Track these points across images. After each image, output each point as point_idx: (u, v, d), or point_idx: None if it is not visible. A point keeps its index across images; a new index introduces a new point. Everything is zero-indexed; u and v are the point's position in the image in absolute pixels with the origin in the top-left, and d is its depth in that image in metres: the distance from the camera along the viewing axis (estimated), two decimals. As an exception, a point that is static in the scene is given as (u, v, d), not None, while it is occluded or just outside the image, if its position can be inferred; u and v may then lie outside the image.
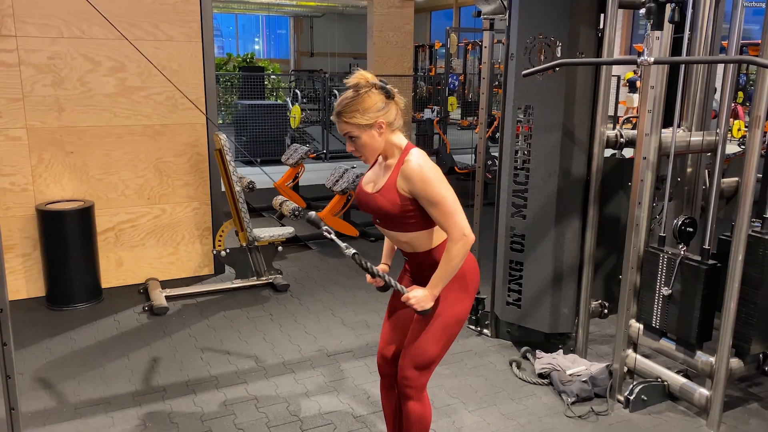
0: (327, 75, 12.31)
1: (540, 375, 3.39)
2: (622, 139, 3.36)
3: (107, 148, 4.47)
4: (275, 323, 4.12)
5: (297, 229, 5.42)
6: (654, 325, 3.10)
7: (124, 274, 4.70)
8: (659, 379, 3.17)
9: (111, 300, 4.45)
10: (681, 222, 3.00)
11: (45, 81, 4.21)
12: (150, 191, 4.66)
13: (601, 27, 3.30)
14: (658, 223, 3.23)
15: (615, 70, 5.11)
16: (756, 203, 2.96)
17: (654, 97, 2.91)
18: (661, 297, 3.02)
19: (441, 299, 2.21)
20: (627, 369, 3.24)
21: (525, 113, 3.43)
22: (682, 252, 2.97)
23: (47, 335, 3.88)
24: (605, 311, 3.65)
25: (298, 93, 11.85)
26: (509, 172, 3.56)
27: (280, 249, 4.78)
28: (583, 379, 3.21)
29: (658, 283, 3.04)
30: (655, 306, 3.07)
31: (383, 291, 2.32)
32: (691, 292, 2.91)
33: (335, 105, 2.13)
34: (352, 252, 2.18)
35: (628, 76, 14.34)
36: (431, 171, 2.08)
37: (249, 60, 17.17)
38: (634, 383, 3.15)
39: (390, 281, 2.20)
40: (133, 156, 4.55)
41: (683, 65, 3.08)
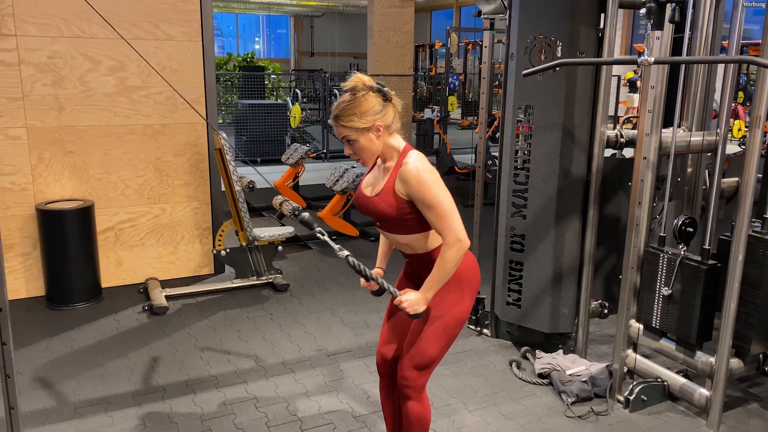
0: (327, 75, 12.32)
1: (540, 375, 3.39)
2: (622, 139, 3.35)
3: (107, 147, 4.47)
4: (275, 323, 4.12)
5: (297, 229, 5.41)
6: (654, 325, 3.09)
7: (123, 273, 4.70)
8: (659, 380, 3.17)
9: (111, 299, 4.45)
10: (681, 222, 3.00)
11: (45, 80, 4.21)
12: (150, 191, 4.66)
13: (602, 27, 3.29)
14: (658, 223, 3.23)
15: (615, 70, 5.11)
16: (756, 203, 2.95)
17: (654, 97, 2.91)
18: (661, 297, 3.02)
19: (442, 300, 2.21)
20: (627, 369, 3.24)
21: (525, 113, 3.43)
22: (682, 252, 2.96)
23: (47, 335, 3.88)
24: (605, 311, 3.64)
25: (298, 92, 11.84)
26: (509, 171, 3.56)
27: (280, 249, 4.78)
28: (583, 379, 3.21)
29: (658, 283, 3.03)
30: (655, 306, 3.06)
31: (377, 295, 2.27)
32: (691, 292, 2.91)
33: (332, 109, 2.12)
34: (345, 254, 2.14)
35: (628, 76, 14.34)
36: (428, 174, 2.07)
37: (249, 59, 17.18)
38: (634, 383, 3.15)
39: (383, 284, 2.18)
40: (133, 155, 4.55)
41: (683, 65, 3.08)
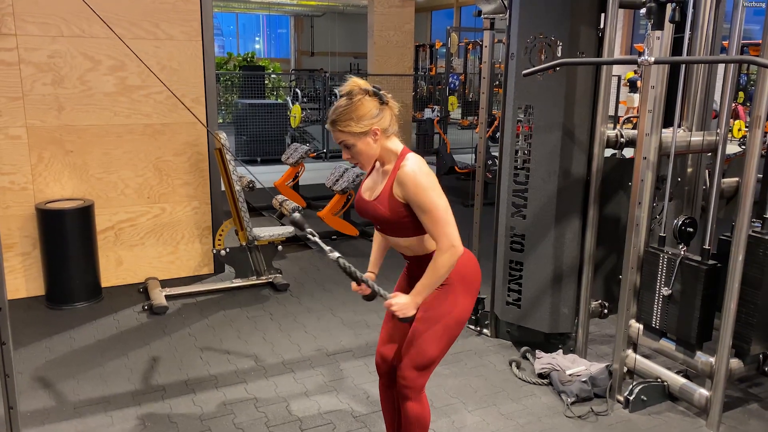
0: (327, 74, 12.32)
1: (540, 375, 3.39)
2: (622, 139, 3.35)
3: (107, 147, 4.47)
4: (275, 323, 4.12)
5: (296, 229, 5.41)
6: (654, 326, 3.09)
7: (123, 273, 4.70)
8: (659, 380, 3.17)
9: (110, 299, 4.45)
10: (681, 222, 3.00)
11: (45, 80, 4.21)
12: (150, 190, 4.65)
13: (602, 27, 3.29)
14: (658, 223, 3.23)
15: (615, 69, 5.11)
16: (756, 203, 2.95)
17: (654, 97, 2.91)
18: (661, 297, 3.02)
19: (442, 300, 2.21)
20: (627, 369, 3.23)
21: (525, 113, 3.43)
22: (682, 252, 2.96)
23: (46, 334, 3.88)
24: (605, 311, 3.64)
25: (298, 92, 11.84)
26: (509, 171, 3.56)
27: (279, 248, 4.78)
28: (583, 379, 3.21)
29: (658, 284, 3.03)
30: (655, 306, 3.06)
31: (369, 300, 2.26)
32: (691, 292, 2.91)
33: (329, 113, 2.11)
34: (336, 256, 2.12)
35: (628, 75, 14.33)
36: (425, 177, 2.06)
37: (249, 59, 17.19)
38: (633, 383, 3.15)
39: (373, 286, 2.16)
40: (133, 155, 4.55)
41: (684, 65, 3.08)
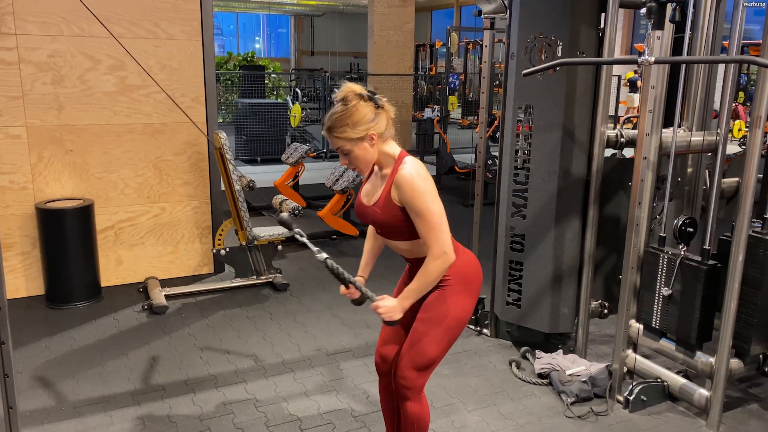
0: (327, 74, 12.32)
1: (539, 375, 3.39)
2: (622, 139, 3.35)
3: (107, 146, 4.46)
4: (275, 322, 4.12)
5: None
6: (654, 326, 3.09)
7: (123, 272, 4.70)
8: (659, 380, 3.17)
9: (110, 299, 4.45)
10: (681, 222, 3.00)
11: (45, 79, 4.21)
12: (150, 190, 4.65)
13: (602, 26, 3.29)
14: (658, 223, 3.22)
15: (616, 69, 5.10)
16: (756, 203, 2.95)
17: (654, 97, 2.91)
18: (661, 297, 3.02)
19: (443, 301, 2.21)
20: (627, 369, 3.23)
21: (525, 113, 3.42)
22: (682, 252, 2.96)
23: (46, 334, 3.88)
24: (605, 311, 3.64)
25: (298, 92, 11.85)
26: (509, 171, 3.55)
27: (279, 248, 4.77)
28: (583, 380, 3.21)
29: (658, 284, 3.03)
30: (655, 306, 3.06)
31: (357, 304, 2.23)
32: (691, 292, 2.90)
33: (325, 120, 2.10)
34: (324, 256, 2.12)
35: (628, 75, 14.33)
36: (422, 182, 2.06)
37: (249, 59, 17.19)
38: (633, 383, 3.15)
39: (360, 288, 2.15)
40: (133, 154, 4.55)
41: (684, 65, 3.08)
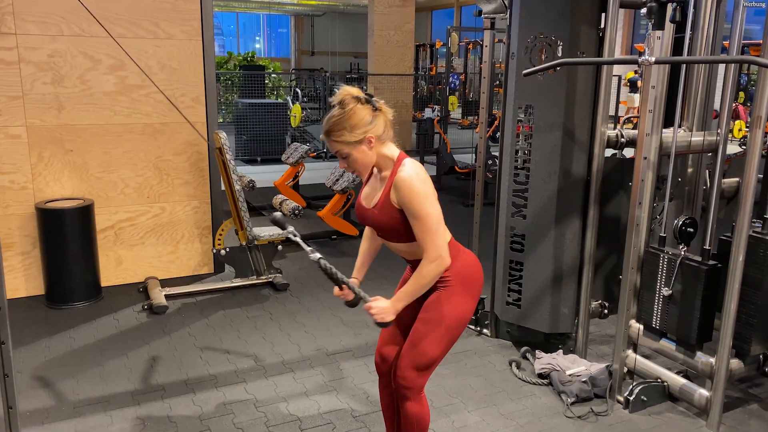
0: (328, 74, 12.32)
1: (540, 375, 3.39)
2: (622, 139, 3.35)
3: (107, 146, 4.46)
4: (275, 322, 4.12)
5: (297, 229, 5.40)
6: (654, 326, 3.09)
7: (123, 272, 4.70)
8: (659, 380, 3.17)
9: (110, 298, 4.45)
10: (681, 222, 3.00)
11: (45, 79, 4.21)
12: (150, 190, 4.65)
13: (602, 26, 3.29)
14: (658, 224, 3.22)
15: (616, 69, 5.10)
16: (756, 204, 2.95)
17: (655, 97, 2.90)
18: (662, 297, 3.02)
19: (444, 301, 2.21)
20: (627, 369, 3.23)
21: (525, 113, 3.42)
22: (682, 252, 2.96)
23: (46, 334, 3.88)
24: (605, 311, 3.64)
25: (298, 92, 11.85)
26: (509, 171, 3.55)
27: (279, 248, 4.77)
28: (583, 380, 3.20)
29: (658, 284, 3.03)
30: (656, 306, 3.06)
31: (351, 306, 2.22)
32: (692, 292, 2.90)
33: (323, 124, 2.10)
34: (317, 256, 2.11)
35: (629, 75, 14.33)
36: (420, 184, 2.05)
37: (250, 59, 17.19)
38: (633, 384, 3.15)
39: (353, 288, 2.15)
40: (133, 154, 4.55)
41: (684, 65, 3.08)
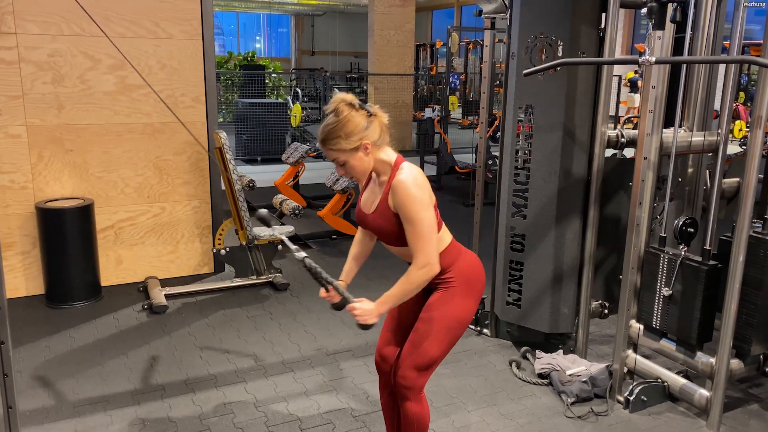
0: (328, 73, 12.32)
1: (540, 375, 3.38)
2: (623, 139, 3.35)
3: (107, 146, 4.46)
4: (275, 322, 4.12)
5: (297, 228, 5.41)
6: (654, 326, 3.09)
7: (123, 272, 4.69)
8: (659, 380, 3.17)
9: (110, 298, 4.45)
10: (682, 222, 2.99)
11: (45, 78, 4.21)
12: (150, 189, 4.65)
13: (603, 26, 3.29)
14: (658, 224, 3.22)
15: (616, 69, 5.10)
16: (757, 204, 2.95)
17: (655, 97, 2.90)
18: (662, 297, 3.02)
19: (446, 301, 2.21)
20: (627, 369, 3.23)
21: (526, 113, 3.42)
22: (682, 252, 2.96)
23: (46, 333, 3.87)
24: (605, 311, 3.64)
25: (299, 91, 11.85)
26: (510, 171, 3.55)
27: (279, 248, 4.77)
28: (583, 380, 3.20)
29: (658, 284, 3.03)
30: (656, 306, 3.06)
31: (337, 309, 2.20)
32: (692, 292, 2.90)
33: (318, 133, 2.09)
34: (303, 255, 2.10)
35: (629, 75, 14.33)
36: (417, 189, 2.05)
37: (250, 58, 17.18)
38: (634, 384, 3.15)
39: (338, 288, 2.13)
40: (133, 154, 4.55)
41: (685, 65, 3.07)
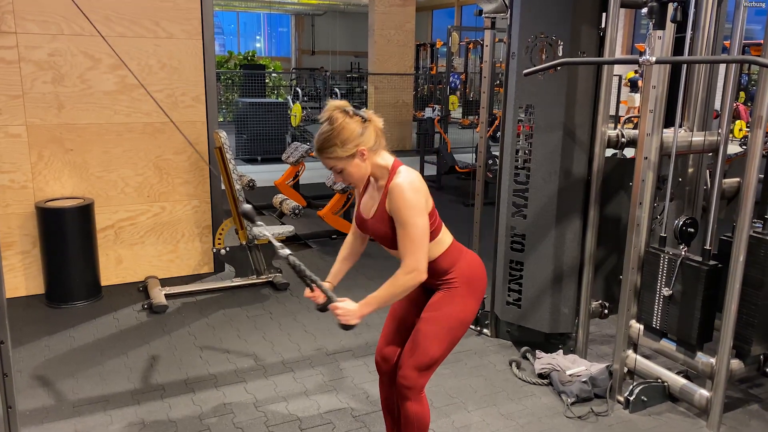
0: (328, 73, 12.30)
1: (540, 375, 3.38)
2: (623, 139, 3.34)
3: (107, 145, 4.46)
4: (275, 322, 4.12)
5: (297, 228, 5.41)
6: (654, 326, 3.09)
7: (123, 271, 4.69)
8: (659, 380, 3.16)
9: (110, 298, 4.45)
10: (682, 222, 2.99)
11: (45, 78, 4.20)
12: (150, 189, 4.65)
13: (603, 26, 3.28)
14: (659, 224, 3.22)
15: (616, 69, 5.10)
16: (757, 204, 2.94)
17: (656, 97, 2.90)
18: (662, 297, 3.01)
19: (448, 301, 2.21)
20: (627, 369, 3.23)
21: (526, 112, 3.42)
22: (683, 252, 2.95)
23: (46, 333, 3.87)
24: (605, 311, 3.64)
25: (299, 91, 11.85)
26: (510, 171, 3.55)
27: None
28: (583, 380, 3.20)
29: (658, 284, 3.03)
30: (656, 306, 3.05)
31: (321, 311, 2.19)
32: (692, 292, 2.90)
33: (314, 142, 2.09)
34: (287, 253, 2.09)
35: (629, 75, 14.31)
36: (412, 193, 2.04)
37: (250, 58, 17.18)
38: (634, 384, 3.15)
39: (321, 286, 2.12)
40: (133, 154, 4.54)
41: (685, 65, 3.07)
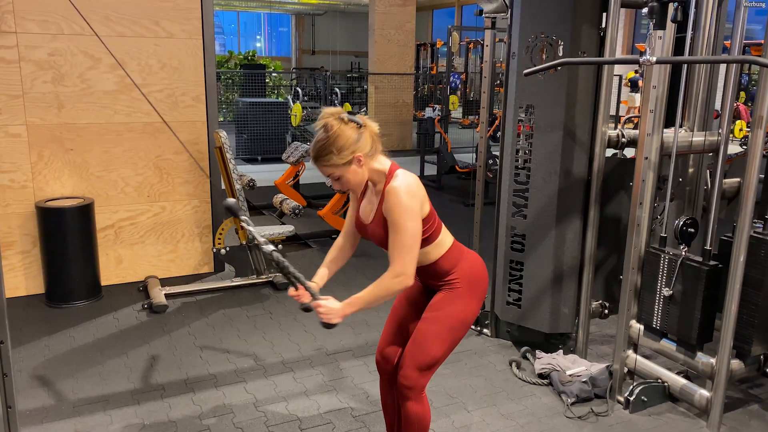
0: (328, 73, 12.30)
1: (540, 375, 3.38)
2: (623, 139, 3.34)
3: (107, 145, 4.46)
4: (275, 322, 4.12)
5: (297, 228, 5.40)
6: (655, 326, 3.08)
7: (123, 271, 4.69)
8: (659, 380, 3.16)
9: (110, 298, 4.45)
10: (682, 222, 2.99)
11: (45, 78, 4.20)
12: (150, 189, 4.65)
13: (604, 26, 3.28)
14: (659, 224, 3.22)
15: (617, 69, 5.10)
16: (758, 204, 2.94)
17: (656, 97, 2.90)
18: (662, 298, 3.01)
19: (449, 301, 2.21)
20: (627, 370, 3.23)
21: (526, 112, 3.42)
22: (683, 253, 2.95)
23: (46, 333, 3.87)
24: (606, 311, 3.63)
25: (299, 91, 11.85)
26: (510, 171, 3.55)
27: (280, 247, 4.76)
28: (583, 380, 3.20)
29: (659, 284, 3.02)
30: (656, 307, 3.05)
31: (305, 311, 2.17)
32: (692, 293, 2.90)
33: (310, 150, 2.08)
34: (270, 249, 2.08)
35: (629, 75, 14.30)
36: (407, 197, 2.04)
37: (250, 58, 17.18)
38: (634, 384, 3.14)
39: (305, 283, 2.11)
40: (133, 153, 4.54)
41: (686, 65, 3.07)
